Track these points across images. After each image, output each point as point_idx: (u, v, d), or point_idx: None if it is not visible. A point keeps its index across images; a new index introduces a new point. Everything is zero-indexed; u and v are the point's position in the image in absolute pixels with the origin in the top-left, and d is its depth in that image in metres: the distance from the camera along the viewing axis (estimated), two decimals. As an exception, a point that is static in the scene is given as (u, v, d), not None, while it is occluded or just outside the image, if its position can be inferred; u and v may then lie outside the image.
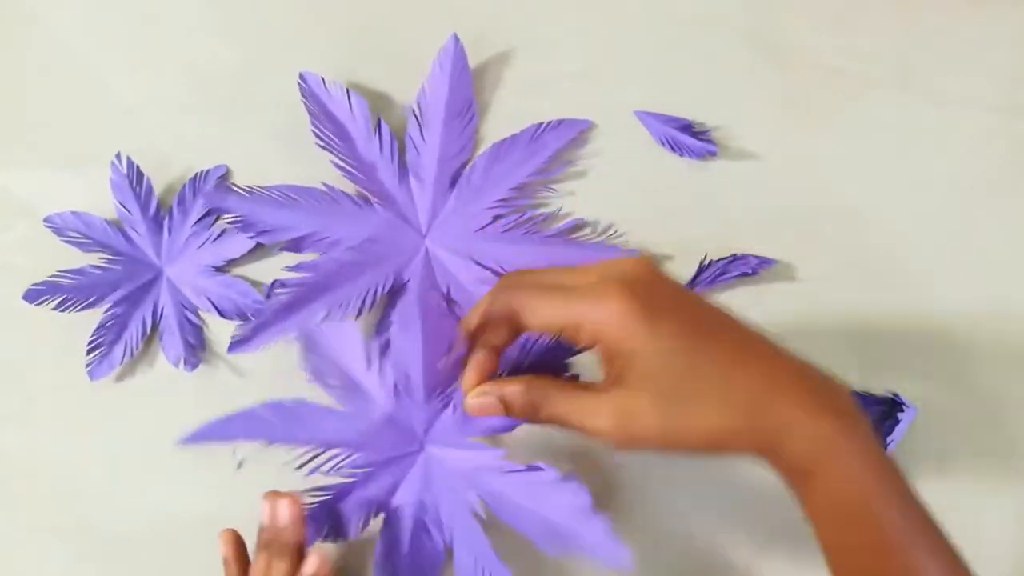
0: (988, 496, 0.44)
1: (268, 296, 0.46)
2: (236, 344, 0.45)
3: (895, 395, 0.44)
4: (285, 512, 0.39)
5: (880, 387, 0.45)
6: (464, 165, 0.49)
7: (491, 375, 0.37)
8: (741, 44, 0.51)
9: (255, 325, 0.45)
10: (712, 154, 0.48)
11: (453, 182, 0.48)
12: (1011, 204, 0.49)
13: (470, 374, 0.37)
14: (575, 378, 0.40)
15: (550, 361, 0.39)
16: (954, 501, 0.44)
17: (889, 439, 0.42)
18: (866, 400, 0.45)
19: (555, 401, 0.35)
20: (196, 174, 0.49)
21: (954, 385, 0.46)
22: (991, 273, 0.48)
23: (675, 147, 0.48)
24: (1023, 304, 0.47)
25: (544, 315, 0.35)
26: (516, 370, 0.39)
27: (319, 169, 0.48)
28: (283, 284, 0.46)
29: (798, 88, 0.50)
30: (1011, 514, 0.44)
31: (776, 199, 0.48)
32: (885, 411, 0.44)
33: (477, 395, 0.36)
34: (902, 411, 0.43)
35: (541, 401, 0.35)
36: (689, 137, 0.48)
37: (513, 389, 0.36)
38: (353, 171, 0.47)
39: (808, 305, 0.47)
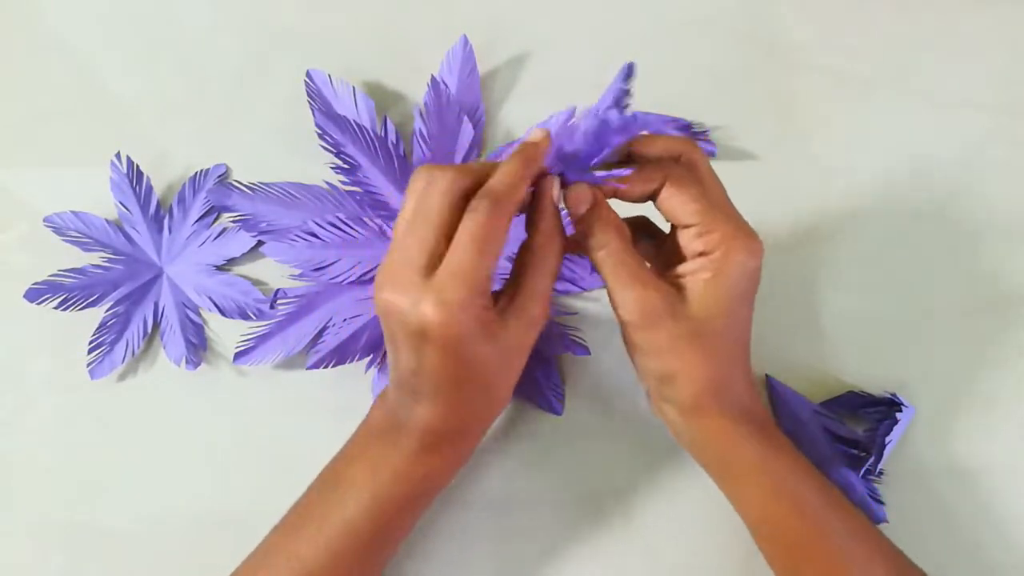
0: (987, 495, 0.45)
1: (271, 306, 0.46)
2: (240, 355, 0.46)
3: (894, 395, 0.44)
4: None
5: (880, 387, 0.46)
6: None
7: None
8: (740, 44, 0.51)
9: (258, 336, 0.46)
10: (712, 154, 0.48)
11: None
12: (1010, 204, 0.49)
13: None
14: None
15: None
16: (953, 501, 0.45)
17: (888, 439, 0.42)
18: (866, 400, 0.45)
19: (621, 259, 0.35)
20: (196, 173, 0.49)
21: (953, 385, 0.46)
22: (990, 273, 0.48)
23: (675, 147, 0.48)
24: (1022, 304, 0.47)
25: (713, 181, 0.37)
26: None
27: (319, 167, 0.48)
28: (285, 294, 0.46)
29: (798, 88, 0.50)
30: (1010, 513, 0.44)
31: (775, 199, 0.48)
32: (884, 411, 0.44)
33: (586, 189, 0.35)
34: (901, 411, 0.43)
35: (615, 245, 0.35)
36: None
37: (610, 212, 0.36)
38: (355, 174, 0.47)
39: (808, 304, 0.48)
